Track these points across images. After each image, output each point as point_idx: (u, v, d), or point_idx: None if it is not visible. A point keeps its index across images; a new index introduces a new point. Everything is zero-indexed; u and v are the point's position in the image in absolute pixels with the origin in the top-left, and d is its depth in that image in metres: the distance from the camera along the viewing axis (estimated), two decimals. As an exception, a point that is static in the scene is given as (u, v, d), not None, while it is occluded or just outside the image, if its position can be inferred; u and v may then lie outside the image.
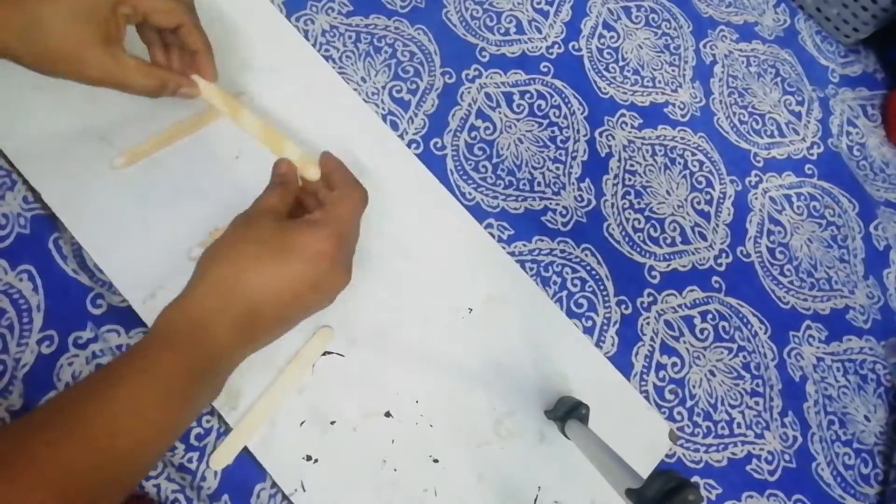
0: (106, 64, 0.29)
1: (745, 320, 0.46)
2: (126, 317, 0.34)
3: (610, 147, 0.48)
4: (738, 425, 0.43)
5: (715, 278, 0.47)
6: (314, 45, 0.44)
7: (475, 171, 0.44)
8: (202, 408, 0.28)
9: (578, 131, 0.48)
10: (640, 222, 0.47)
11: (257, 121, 0.36)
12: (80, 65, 0.29)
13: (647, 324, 0.44)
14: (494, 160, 0.45)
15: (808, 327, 0.48)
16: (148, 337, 0.26)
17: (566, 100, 0.48)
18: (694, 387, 0.43)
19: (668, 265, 0.46)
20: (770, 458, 0.43)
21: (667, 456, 0.40)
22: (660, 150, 0.49)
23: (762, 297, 0.47)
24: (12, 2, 0.27)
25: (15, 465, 0.21)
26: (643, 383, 0.42)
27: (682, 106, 0.51)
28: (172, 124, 0.38)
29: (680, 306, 0.45)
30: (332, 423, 0.35)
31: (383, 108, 0.44)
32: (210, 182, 0.38)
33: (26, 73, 0.36)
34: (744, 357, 0.45)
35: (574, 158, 0.47)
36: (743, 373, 0.44)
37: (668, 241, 0.47)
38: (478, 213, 0.43)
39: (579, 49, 0.51)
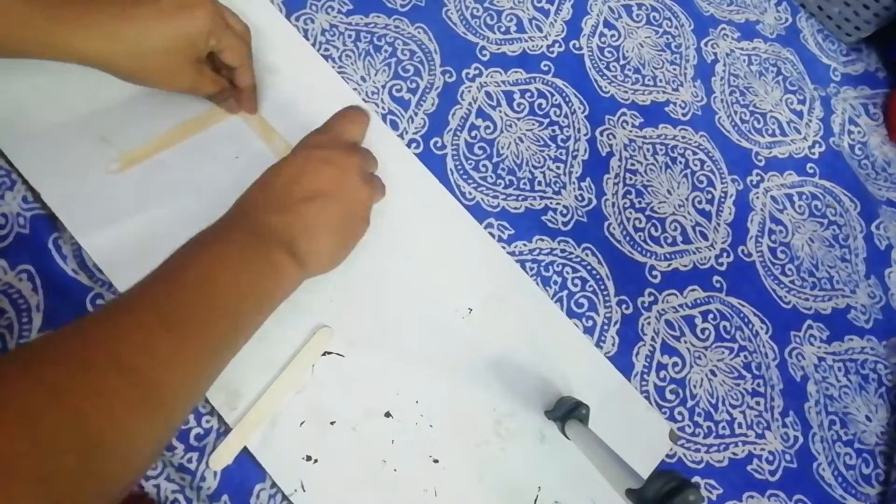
0: (193, 78, 0.35)
1: (746, 320, 0.46)
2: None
3: (611, 146, 0.48)
4: (739, 425, 0.43)
5: (716, 278, 0.47)
6: (314, 45, 0.43)
7: (475, 170, 0.44)
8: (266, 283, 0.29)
9: (579, 130, 0.48)
10: (640, 222, 0.46)
11: (284, 144, 0.40)
12: (174, 78, 0.34)
13: (648, 323, 0.44)
14: (495, 159, 0.45)
15: (810, 327, 0.47)
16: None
17: (567, 99, 0.48)
18: (695, 387, 0.43)
19: (669, 265, 0.46)
20: (771, 458, 0.43)
21: (667, 456, 0.40)
22: (661, 150, 0.49)
23: (763, 296, 0.47)
24: (127, 18, 0.31)
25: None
26: (644, 383, 0.42)
27: (683, 105, 0.51)
28: (170, 129, 0.38)
29: (681, 306, 0.45)
30: (332, 423, 0.35)
31: (383, 108, 0.44)
32: (210, 182, 0.38)
33: (26, 74, 0.37)
34: (745, 357, 0.45)
35: (575, 157, 0.47)
36: (744, 373, 0.44)
37: (669, 240, 0.47)
38: (478, 212, 0.43)
39: (580, 48, 0.50)
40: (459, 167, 0.44)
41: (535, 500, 0.37)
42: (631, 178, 0.47)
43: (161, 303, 0.25)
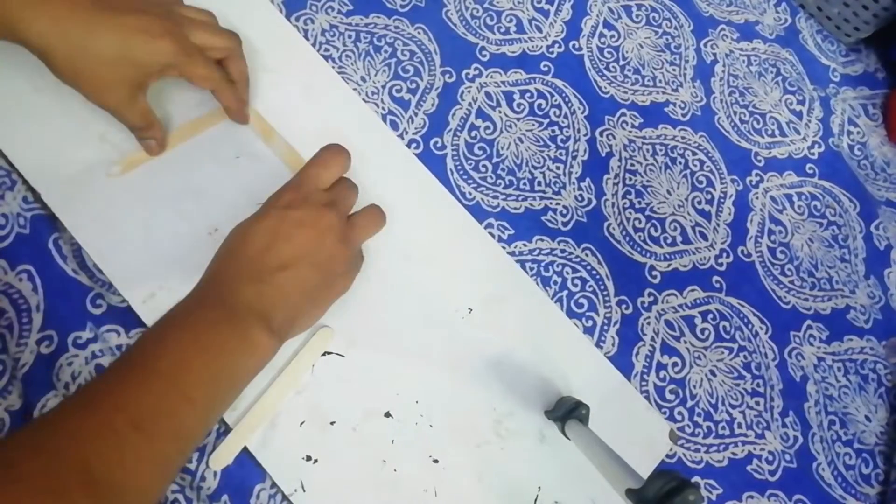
0: (123, 102, 0.33)
1: (745, 320, 0.46)
2: (126, 317, 0.34)
3: (610, 146, 0.48)
4: (739, 425, 0.43)
5: (716, 278, 0.47)
6: (314, 45, 0.44)
7: (475, 170, 0.44)
8: (240, 362, 0.28)
9: (579, 130, 0.48)
10: (640, 222, 0.46)
11: (285, 144, 0.39)
12: (102, 94, 0.32)
13: (648, 324, 0.44)
14: (495, 160, 0.45)
15: (809, 327, 0.48)
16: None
17: (566, 99, 0.48)
18: (694, 387, 0.43)
19: (669, 265, 0.46)
20: (771, 458, 0.43)
21: (667, 456, 0.40)
22: (660, 150, 0.49)
23: (763, 296, 0.47)
24: (85, 17, 0.30)
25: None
26: (643, 383, 0.42)
27: (682, 105, 0.51)
28: (171, 129, 0.38)
29: (680, 306, 0.45)
30: (332, 423, 0.35)
31: (383, 108, 0.44)
32: (210, 182, 0.38)
33: (27, 74, 0.37)
34: (744, 357, 0.45)
35: (574, 158, 0.47)
36: (743, 373, 0.44)
37: (669, 240, 0.47)
38: (478, 212, 0.43)
39: (580, 48, 0.50)
40: (459, 167, 0.44)
41: (535, 500, 0.37)
42: (630, 179, 0.48)
43: (131, 399, 0.24)
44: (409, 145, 0.43)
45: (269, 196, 0.33)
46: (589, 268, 0.44)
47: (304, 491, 0.34)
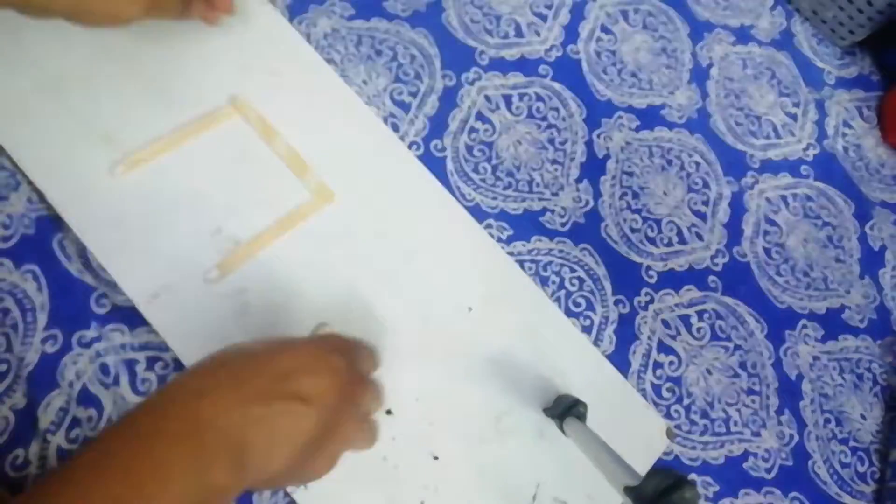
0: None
1: (741, 319, 0.47)
2: (130, 316, 0.35)
3: (607, 148, 0.49)
4: (735, 423, 0.43)
5: (711, 278, 0.47)
6: (316, 49, 0.44)
7: (475, 172, 0.45)
8: None
9: (576, 133, 0.48)
10: (637, 223, 0.47)
11: (286, 146, 0.39)
12: (129, 3, 0.29)
13: (645, 323, 0.44)
14: (494, 161, 0.45)
15: (805, 326, 0.48)
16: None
17: (564, 102, 0.49)
18: (691, 385, 0.43)
19: (666, 265, 0.46)
20: (767, 455, 0.43)
21: (664, 453, 0.41)
22: (657, 152, 0.50)
23: (758, 296, 0.48)
24: None
25: None
26: (640, 381, 0.42)
27: (678, 108, 0.52)
28: (172, 131, 0.39)
29: (677, 305, 0.45)
30: (334, 421, 0.36)
31: (384, 111, 0.44)
32: (213, 182, 0.38)
33: (29, 74, 0.37)
34: (740, 356, 0.45)
35: (572, 160, 0.47)
36: (739, 371, 0.45)
37: (666, 241, 0.47)
38: (477, 213, 0.43)
39: (577, 52, 0.51)
40: (459, 169, 0.44)
41: (534, 497, 0.37)
42: (627, 180, 0.48)
43: None
44: (409, 147, 0.44)
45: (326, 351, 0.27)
46: (587, 268, 0.44)
47: (305, 489, 0.34)
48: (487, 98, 0.47)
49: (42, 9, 0.28)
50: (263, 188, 0.39)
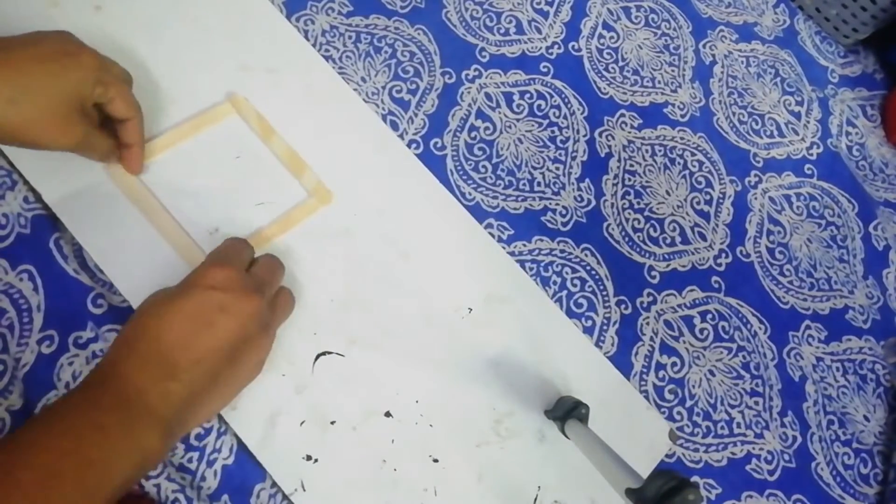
0: (85, 131, 0.31)
1: (744, 320, 0.46)
2: (127, 316, 0.34)
3: (610, 147, 0.48)
4: (738, 425, 0.43)
5: (714, 278, 0.47)
6: (314, 46, 0.44)
7: (475, 171, 0.44)
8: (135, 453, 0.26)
9: (578, 131, 0.48)
10: (639, 222, 0.47)
11: (285, 145, 0.39)
12: (63, 133, 0.30)
13: (647, 324, 0.44)
14: (494, 160, 0.45)
15: (808, 327, 0.48)
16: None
17: (566, 100, 0.48)
18: (693, 387, 0.43)
19: (668, 265, 0.46)
20: (770, 457, 0.43)
21: (666, 456, 0.41)
22: (659, 151, 0.49)
23: (762, 297, 0.47)
24: (1, 63, 0.28)
25: None
26: (643, 383, 0.42)
27: (681, 106, 0.51)
28: (167, 132, 0.38)
29: (679, 306, 0.45)
30: (332, 423, 0.35)
31: (383, 108, 0.44)
32: (211, 182, 0.38)
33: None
34: (743, 357, 0.45)
35: (574, 158, 0.47)
36: (742, 373, 0.45)
37: (668, 241, 0.47)
38: (478, 213, 0.43)
39: (579, 49, 0.51)
40: (459, 168, 0.44)
41: (535, 500, 0.37)
42: (630, 179, 0.48)
43: None
44: (409, 146, 0.43)
45: (190, 272, 0.30)
46: (588, 268, 0.44)
47: (304, 490, 0.34)
48: (488, 96, 0.47)
49: None
50: (261, 187, 0.39)
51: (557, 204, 0.45)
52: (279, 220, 0.38)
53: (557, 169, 0.46)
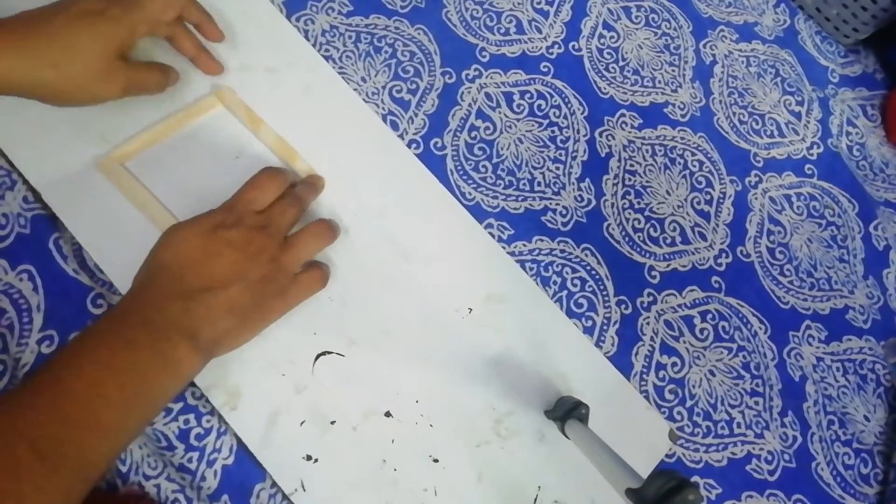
0: (130, 76, 0.33)
1: (744, 320, 0.46)
2: (126, 316, 0.34)
3: (610, 147, 0.48)
4: (738, 425, 0.43)
5: (715, 278, 0.47)
6: (314, 45, 0.44)
7: (475, 170, 0.44)
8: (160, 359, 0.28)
9: (578, 131, 0.48)
10: (639, 222, 0.47)
11: (274, 134, 0.39)
12: (107, 83, 0.32)
13: (647, 324, 0.44)
14: (494, 160, 0.45)
15: (808, 327, 0.48)
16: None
17: (566, 100, 0.48)
18: (694, 387, 0.43)
19: (668, 265, 0.46)
20: (770, 457, 0.43)
21: (667, 456, 0.41)
22: (660, 150, 0.49)
23: (762, 297, 0.47)
24: (39, 31, 0.30)
25: None
26: (643, 383, 0.42)
27: (681, 106, 0.51)
28: (157, 123, 0.38)
29: (680, 306, 0.45)
30: (332, 422, 0.35)
31: (383, 108, 0.44)
32: (210, 182, 0.38)
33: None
34: (743, 357, 0.45)
35: (574, 158, 0.47)
36: (743, 373, 0.45)
37: (668, 240, 0.47)
38: (478, 212, 0.43)
39: (579, 49, 0.51)
40: (459, 168, 0.44)
41: (535, 500, 0.37)
42: (630, 179, 0.48)
43: (37, 425, 0.24)
44: (409, 146, 0.43)
45: (202, 213, 0.33)
46: (588, 268, 0.44)
47: (304, 490, 0.34)
48: (488, 96, 0.47)
49: (19, 93, 0.31)
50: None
51: (557, 204, 0.45)
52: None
53: (557, 169, 0.46)
